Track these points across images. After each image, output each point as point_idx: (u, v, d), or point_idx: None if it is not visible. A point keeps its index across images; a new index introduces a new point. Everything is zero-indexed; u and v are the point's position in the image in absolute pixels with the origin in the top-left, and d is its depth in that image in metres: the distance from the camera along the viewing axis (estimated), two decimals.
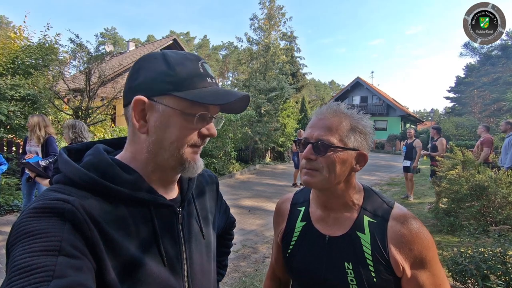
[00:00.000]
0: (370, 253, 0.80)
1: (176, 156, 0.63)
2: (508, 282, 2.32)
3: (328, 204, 0.88)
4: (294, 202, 1.01)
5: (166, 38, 20.51)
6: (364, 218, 0.84)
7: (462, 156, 5.02)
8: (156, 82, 0.61)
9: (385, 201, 0.87)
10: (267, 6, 16.58)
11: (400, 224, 0.80)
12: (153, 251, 0.60)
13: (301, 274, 0.91)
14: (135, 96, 0.60)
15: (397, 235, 0.78)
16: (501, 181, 4.16)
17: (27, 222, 0.48)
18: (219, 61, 51.38)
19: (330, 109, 0.83)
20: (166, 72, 0.60)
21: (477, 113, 21.46)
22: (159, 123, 0.61)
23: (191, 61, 0.63)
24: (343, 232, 0.85)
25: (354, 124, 0.82)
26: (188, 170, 0.65)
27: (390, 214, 0.82)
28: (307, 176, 0.82)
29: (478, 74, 23.39)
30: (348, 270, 0.81)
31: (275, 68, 16.09)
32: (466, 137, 18.10)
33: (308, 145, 0.81)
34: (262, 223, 5.45)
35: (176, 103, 0.60)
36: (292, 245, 0.94)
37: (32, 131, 3.81)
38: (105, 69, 9.02)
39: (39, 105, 6.89)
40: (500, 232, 2.84)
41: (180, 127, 0.61)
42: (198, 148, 0.66)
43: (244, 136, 12.46)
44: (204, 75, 0.63)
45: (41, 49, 7.32)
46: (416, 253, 0.77)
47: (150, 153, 0.63)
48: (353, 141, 0.81)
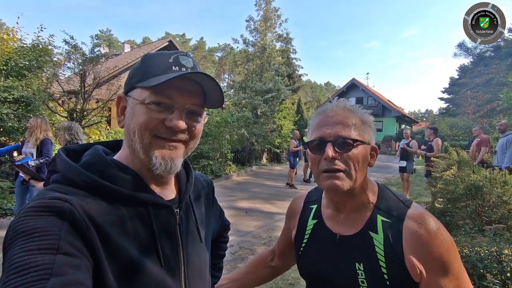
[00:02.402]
0: (383, 254, 0.75)
1: (143, 147, 0.61)
2: (504, 281, 2.34)
3: (342, 205, 0.84)
4: (307, 200, 1.00)
5: (162, 40, 20.48)
6: (377, 218, 0.79)
7: (457, 157, 5.06)
8: (129, 78, 0.66)
9: (401, 200, 0.81)
10: (263, 8, 16.63)
11: (417, 224, 0.74)
12: (151, 251, 0.60)
13: (312, 274, 0.90)
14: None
15: (414, 236, 0.73)
16: (495, 180, 4.20)
17: (25, 220, 0.48)
18: (215, 63, 51.39)
19: (339, 105, 0.80)
20: (137, 67, 0.66)
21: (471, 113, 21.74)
22: (128, 114, 0.64)
23: (164, 55, 0.65)
24: (354, 231, 0.81)
25: (363, 118, 0.80)
26: (157, 166, 0.61)
27: (406, 214, 0.77)
28: (332, 180, 0.75)
29: (471, 75, 23.71)
30: (359, 271, 0.77)
31: (271, 69, 16.13)
32: (460, 137, 18.28)
33: (327, 144, 0.75)
34: (259, 224, 5.43)
35: (138, 94, 0.63)
36: (304, 243, 0.92)
37: (32, 132, 3.80)
38: (100, 71, 8.96)
39: (33, 107, 6.82)
40: (496, 231, 2.86)
41: (139, 115, 0.61)
42: (169, 142, 0.62)
43: (240, 138, 12.46)
44: (171, 65, 0.63)
45: (34, 51, 7.24)
46: (435, 256, 0.71)
47: (129, 147, 0.65)
48: (367, 134, 0.79)
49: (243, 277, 1.12)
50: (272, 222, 5.58)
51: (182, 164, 0.71)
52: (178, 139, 0.63)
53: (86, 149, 0.68)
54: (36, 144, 3.80)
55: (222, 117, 10.67)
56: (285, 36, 21.03)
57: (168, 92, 0.61)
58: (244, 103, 14.52)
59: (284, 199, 7.61)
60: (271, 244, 4.46)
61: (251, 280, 1.13)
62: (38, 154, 3.76)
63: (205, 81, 0.63)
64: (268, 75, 15.75)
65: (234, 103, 14.82)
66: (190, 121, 0.64)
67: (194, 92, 0.65)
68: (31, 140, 3.82)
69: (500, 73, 15.82)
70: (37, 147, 3.80)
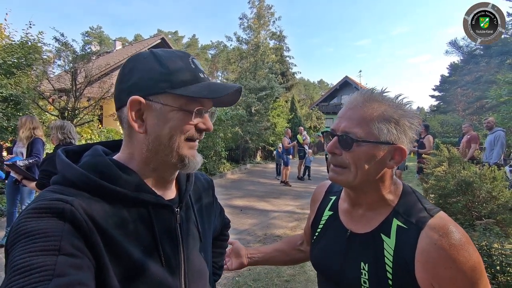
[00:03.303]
0: (392, 260, 0.70)
1: (176, 152, 0.63)
2: (494, 274, 2.40)
3: (357, 201, 0.81)
4: (329, 190, 0.99)
5: (154, 37, 20.22)
6: (393, 221, 0.74)
7: (448, 153, 5.15)
8: (150, 81, 0.61)
9: (426, 207, 0.73)
10: (256, 5, 16.57)
11: (438, 236, 0.66)
12: (152, 251, 0.61)
13: (319, 263, 0.90)
14: (130, 97, 0.60)
15: (432, 248, 0.65)
16: (485, 176, 4.29)
17: (26, 222, 0.48)
18: (208, 61, 51.02)
19: (362, 97, 0.74)
20: (159, 71, 0.61)
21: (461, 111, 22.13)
22: (158, 121, 0.61)
23: (181, 58, 0.65)
24: (366, 231, 0.78)
25: (389, 114, 0.71)
26: (189, 165, 0.65)
27: (427, 223, 0.69)
28: (332, 173, 0.77)
29: (461, 73, 24.09)
30: (363, 271, 0.75)
31: (264, 67, 16.12)
32: (451, 134, 18.60)
33: (334, 137, 0.75)
34: (254, 222, 5.45)
35: (172, 100, 0.61)
36: (318, 232, 0.92)
37: (19, 131, 3.73)
38: (91, 68, 8.83)
39: (22, 106, 6.68)
40: (486, 226, 2.93)
41: (178, 123, 0.62)
42: (195, 142, 0.67)
43: (234, 136, 12.44)
44: (197, 71, 0.65)
45: (23, 48, 7.10)
46: (456, 275, 0.63)
47: (151, 151, 0.63)
48: (387, 133, 0.70)
49: (272, 251, 1.14)
50: (267, 220, 5.60)
51: None
52: (200, 139, 0.68)
53: (86, 150, 0.67)
54: (26, 144, 3.73)
55: (216, 115, 10.62)
56: (279, 34, 21.04)
57: (203, 99, 0.64)
58: (238, 101, 14.47)
59: (279, 196, 7.64)
60: (266, 242, 4.48)
61: (280, 257, 1.14)
62: (28, 153, 3.70)
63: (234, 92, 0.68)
64: (261, 73, 15.74)
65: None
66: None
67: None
68: (21, 139, 3.77)
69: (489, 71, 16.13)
70: (27, 147, 3.73)
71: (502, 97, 6.78)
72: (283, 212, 6.18)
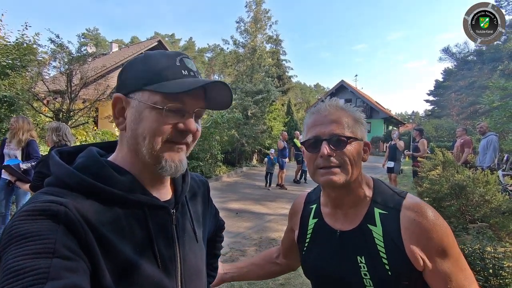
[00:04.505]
0: (383, 245, 0.77)
1: (152, 152, 0.61)
2: (487, 277, 2.42)
3: (339, 200, 0.86)
4: (307, 200, 1.02)
5: (151, 40, 20.23)
6: (375, 211, 0.82)
7: (443, 157, 5.21)
8: (132, 79, 0.63)
9: (396, 192, 0.84)
10: (253, 9, 16.66)
11: (414, 213, 0.76)
12: (148, 252, 0.60)
13: (316, 272, 0.91)
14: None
15: (413, 225, 0.75)
16: (478, 180, 4.34)
17: (19, 224, 0.47)
18: (205, 63, 51.05)
19: (332, 105, 0.84)
20: (141, 69, 0.63)
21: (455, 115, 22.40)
22: (133, 118, 0.62)
23: (168, 56, 0.64)
24: (354, 226, 0.83)
25: (355, 116, 0.84)
26: (166, 168, 0.62)
27: (402, 204, 0.79)
28: (329, 176, 0.78)
29: (455, 78, 24.38)
30: (361, 264, 0.79)
31: (261, 70, 16.16)
32: (445, 138, 18.78)
33: (323, 142, 0.79)
34: (250, 225, 5.44)
35: (147, 97, 0.61)
36: (307, 243, 0.94)
37: (15, 134, 3.66)
38: (87, 70, 8.78)
39: (16, 107, 6.60)
40: (479, 230, 2.96)
41: (151, 120, 0.60)
42: (178, 144, 0.63)
43: (230, 139, 12.43)
44: (180, 68, 0.63)
45: (18, 49, 7.03)
46: (436, 242, 0.73)
47: (132, 151, 0.64)
48: (360, 131, 0.83)
49: (248, 266, 1.15)
50: (263, 223, 5.59)
51: None
52: (185, 142, 0.64)
53: (80, 151, 0.67)
54: (21, 146, 3.68)
55: (212, 118, 10.63)
56: (275, 38, 21.16)
57: (182, 97, 0.61)
58: (234, 104, 14.49)
59: (275, 200, 7.64)
60: (262, 245, 4.47)
61: (255, 271, 1.15)
62: (25, 156, 3.64)
63: (218, 88, 0.64)
64: (258, 76, 15.78)
65: None
66: (195, 123, 0.65)
67: (200, 95, 0.65)
68: (13, 141, 3.68)
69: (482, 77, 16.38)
70: (23, 149, 3.67)
71: (495, 102, 6.87)
72: (278, 215, 6.17)
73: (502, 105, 6.70)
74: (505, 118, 6.79)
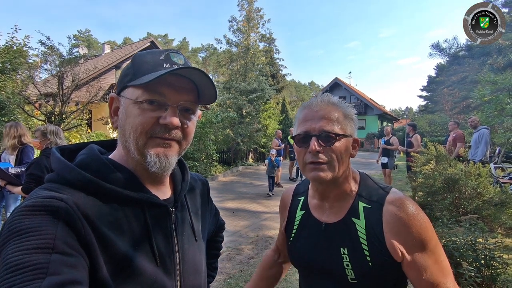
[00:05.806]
0: (365, 238, 0.80)
1: (138, 148, 0.61)
2: (479, 268, 2.47)
3: (326, 194, 0.89)
4: (296, 192, 1.05)
5: (144, 40, 20.08)
6: (359, 204, 0.84)
7: (435, 151, 5.27)
8: (121, 77, 0.66)
9: (381, 186, 0.87)
10: (246, 8, 16.63)
11: (396, 208, 0.78)
12: (146, 250, 0.60)
13: (301, 262, 0.94)
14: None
15: (394, 219, 0.78)
16: (470, 173, 4.41)
17: (19, 220, 0.47)
18: (199, 63, 50.85)
19: (324, 100, 0.85)
20: (128, 67, 0.65)
21: (448, 110, 22.58)
22: (121, 115, 0.64)
23: (155, 52, 0.65)
24: (338, 219, 0.86)
25: (346, 112, 0.85)
26: (152, 164, 0.61)
27: (386, 199, 0.81)
28: (317, 172, 0.80)
29: (447, 73, 24.61)
30: (343, 255, 0.82)
31: (255, 69, 16.17)
32: (438, 133, 18.98)
33: (312, 138, 0.80)
34: (246, 224, 5.45)
35: (131, 93, 0.62)
36: (293, 233, 0.97)
37: (4, 139, 3.62)
38: (79, 72, 8.70)
39: (7, 111, 6.51)
40: (471, 222, 3.00)
41: (134, 115, 0.61)
42: (164, 140, 0.62)
43: (226, 138, 12.42)
44: (162, 62, 0.62)
45: (8, 52, 6.93)
46: (415, 235, 0.76)
47: (124, 148, 0.65)
48: (349, 128, 0.84)
49: (257, 284, 1.14)
50: (259, 221, 5.61)
51: (177, 163, 0.71)
52: (172, 137, 0.63)
53: (81, 149, 0.67)
54: (15, 152, 3.64)
55: (207, 117, 10.60)
56: (268, 36, 21.15)
57: (161, 90, 0.60)
58: (228, 104, 14.48)
59: (271, 198, 7.66)
60: (258, 243, 4.49)
61: (266, 285, 1.14)
62: (18, 161, 3.59)
63: (197, 76, 0.63)
64: (252, 75, 15.78)
65: (219, 103, 14.74)
66: (183, 118, 0.64)
67: (186, 88, 0.64)
68: (7, 146, 3.66)
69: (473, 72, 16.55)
70: (17, 155, 3.63)
71: (486, 96, 6.97)
72: (274, 213, 6.19)
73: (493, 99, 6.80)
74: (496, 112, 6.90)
